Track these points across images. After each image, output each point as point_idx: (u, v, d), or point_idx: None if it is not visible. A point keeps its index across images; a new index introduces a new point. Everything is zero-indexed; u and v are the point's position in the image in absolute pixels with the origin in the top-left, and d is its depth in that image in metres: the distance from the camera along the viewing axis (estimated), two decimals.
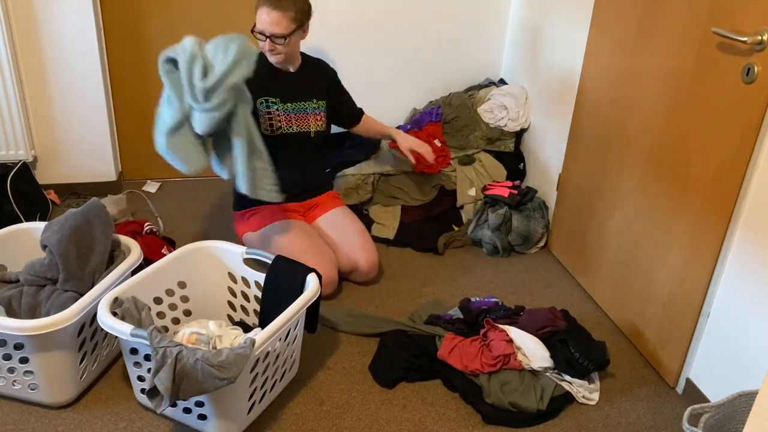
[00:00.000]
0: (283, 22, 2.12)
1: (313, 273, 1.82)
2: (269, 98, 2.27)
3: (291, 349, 1.80)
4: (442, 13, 3.03)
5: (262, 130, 2.27)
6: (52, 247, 1.78)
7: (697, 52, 1.79)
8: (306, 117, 2.35)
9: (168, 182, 3.22)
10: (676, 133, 1.90)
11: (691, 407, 1.46)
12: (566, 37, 2.59)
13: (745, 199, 1.65)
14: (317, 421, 1.77)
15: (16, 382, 1.73)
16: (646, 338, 2.08)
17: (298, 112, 2.33)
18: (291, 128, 2.33)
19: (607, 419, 1.83)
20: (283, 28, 2.13)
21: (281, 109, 2.29)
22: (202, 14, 2.95)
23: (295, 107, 2.32)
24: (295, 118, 2.32)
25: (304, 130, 2.36)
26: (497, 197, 2.70)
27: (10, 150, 2.76)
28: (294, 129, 2.33)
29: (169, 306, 1.91)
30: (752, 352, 1.66)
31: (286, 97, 2.30)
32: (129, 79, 3.00)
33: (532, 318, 1.98)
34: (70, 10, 2.66)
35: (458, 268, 2.59)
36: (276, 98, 2.28)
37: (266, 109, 2.27)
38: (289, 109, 2.31)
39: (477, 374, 1.87)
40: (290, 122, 2.32)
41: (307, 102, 2.35)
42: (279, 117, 2.28)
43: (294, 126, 2.33)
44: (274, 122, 2.29)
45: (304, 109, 2.34)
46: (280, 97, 2.29)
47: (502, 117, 2.91)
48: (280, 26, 2.12)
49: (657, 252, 2.00)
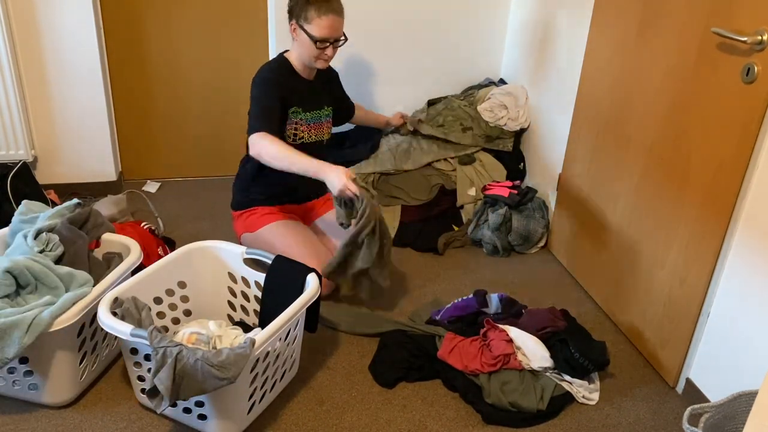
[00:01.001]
0: (342, 25, 2.20)
1: (313, 273, 1.82)
2: (296, 107, 2.26)
3: (291, 349, 1.80)
4: (442, 13, 3.03)
5: (285, 137, 2.26)
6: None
7: (697, 52, 1.79)
8: (321, 125, 2.36)
9: (168, 182, 3.22)
10: (676, 132, 1.90)
11: (691, 407, 1.46)
12: (566, 37, 2.59)
13: (745, 199, 1.65)
14: (317, 421, 1.77)
15: (16, 382, 1.73)
16: (646, 338, 2.08)
17: (315, 121, 2.33)
18: (310, 137, 2.33)
19: (607, 419, 1.83)
20: (341, 30, 2.21)
21: (303, 118, 2.28)
22: (202, 14, 2.95)
23: (313, 116, 2.32)
24: (314, 127, 2.33)
25: (319, 139, 2.36)
26: (497, 197, 2.69)
27: (10, 150, 2.76)
28: (313, 138, 2.33)
29: (169, 306, 1.91)
30: (752, 352, 1.66)
31: (307, 107, 2.29)
32: (129, 79, 3.00)
33: (532, 318, 1.98)
34: (70, 10, 2.66)
35: (458, 268, 2.59)
36: (299, 108, 2.27)
37: (294, 118, 2.26)
38: (309, 119, 2.30)
39: (477, 374, 1.87)
40: (310, 131, 2.32)
41: (321, 110, 2.35)
42: (302, 127, 2.28)
43: (313, 135, 2.33)
44: (297, 132, 2.28)
45: (319, 118, 2.34)
46: (302, 106, 2.28)
47: (502, 116, 2.91)
48: (340, 30, 2.20)
49: (657, 252, 2.00)
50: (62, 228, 1.85)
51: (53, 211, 1.92)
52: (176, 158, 3.22)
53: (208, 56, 3.04)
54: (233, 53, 3.07)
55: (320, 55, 2.20)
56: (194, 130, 3.18)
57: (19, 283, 1.72)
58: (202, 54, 3.03)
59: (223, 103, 3.15)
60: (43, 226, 1.83)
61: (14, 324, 1.56)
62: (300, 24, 2.15)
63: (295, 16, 2.16)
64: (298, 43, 2.20)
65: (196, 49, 3.01)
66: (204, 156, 3.24)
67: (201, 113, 3.15)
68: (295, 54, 2.26)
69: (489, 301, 2.10)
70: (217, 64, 3.07)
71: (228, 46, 3.04)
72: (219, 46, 3.03)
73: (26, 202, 1.99)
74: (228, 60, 3.07)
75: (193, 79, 3.07)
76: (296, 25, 2.17)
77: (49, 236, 1.82)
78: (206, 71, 3.08)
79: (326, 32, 2.14)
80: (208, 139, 3.20)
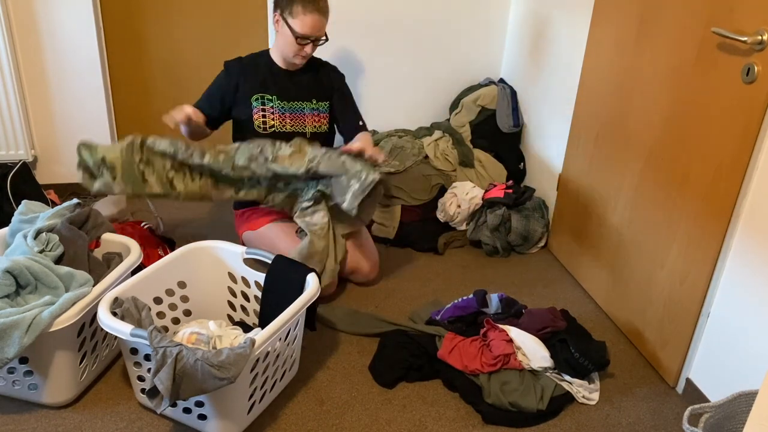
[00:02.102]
0: (325, 26, 2.23)
1: (313, 273, 1.82)
2: (265, 95, 2.30)
3: (291, 349, 1.80)
4: (442, 12, 3.03)
5: (254, 127, 2.31)
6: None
7: (697, 52, 1.79)
8: (303, 117, 2.36)
9: None
10: (676, 132, 1.90)
11: (691, 407, 1.46)
12: (566, 36, 2.59)
13: (745, 199, 1.65)
14: (317, 421, 1.77)
15: (16, 382, 1.73)
16: (646, 338, 2.08)
17: (294, 112, 2.34)
18: (284, 127, 2.34)
19: (607, 419, 1.83)
20: (323, 31, 2.23)
21: (276, 107, 2.31)
22: (202, 14, 2.95)
23: (292, 106, 2.33)
24: (290, 117, 2.34)
25: (298, 130, 2.36)
26: (493, 200, 2.70)
27: (10, 150, 2.77)
28: (287, 128, 2.34)
29: (169, 306, 1.91)
30: (752, 353, 1.66)
31: (283, 96, 2.32)
32: (129, 78, 3.00)
33: (532, 318, 1.98)
34: (70, 11, 2.66)
35: (458, 268, 2.59)
36: (273, 95, 2.30)
37: (260, 106, 2.29)
38: (285, 108, 2.33)
39: (477, 374, 1.87)
40: (284, 121, 2.33)
41: (304, 102, 2.35)
42: (273, 115, 2.30)
43: (287, 125, 2.34)
44: (266, 120, 2.31)
45: (300, 109, 2.35)
46: (277, 94, 2.31)
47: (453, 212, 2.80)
48: (323, 30, 2.23)
49: (657, 252, 2.00)
50: (62, 228, 1.86)
51: (53, 211, 1.92)
52: None
53: (208, 56, 3.04)
54: (233, 53, 3.05)
55: (299, 51, 2.23)
56: None
57: (19, 283, 1.72)
58: (202, 54, 3.03)
59: None
60: (43, 226, 1.83)
61: (14, 324, 1.56)
62: (284, 17, 2.19)
63: (280, 8, 2.20)
64: (279, 34, 2.25)
65: (195, 48, 3.02)
66: None
67: None
68: (275, 45, 2.32)
69: (489, 301, 2.10)
70: (217, 64, 3.05)
71: (228, 46, 3.04)
72: (219, 46, 3.03)
73: (26, 202, 2.00)
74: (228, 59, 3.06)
75: (193, 78, 3.07)
76: (280, 17, 2.21)
77: (49, 236, 1.82)
78: (206, 71, 3.07)
79: (308, 30, 2.18)
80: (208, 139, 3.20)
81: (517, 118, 2.98)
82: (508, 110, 2.98)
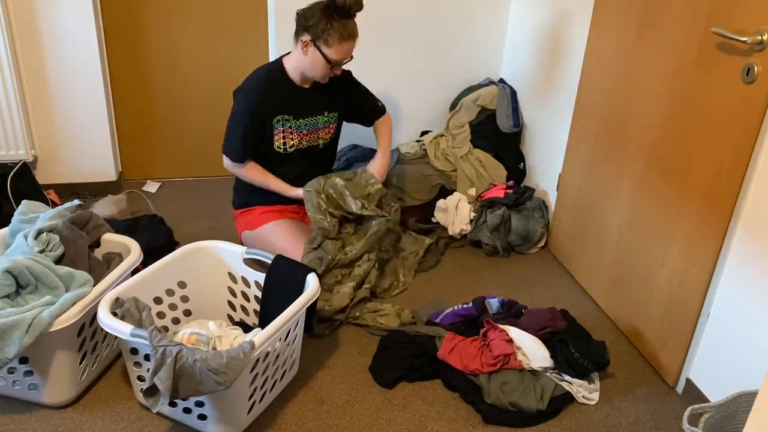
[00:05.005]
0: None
1: (313, 273, 1.82)
2: (284, 116, 2.25)
3: (291, 349, 1.80)
4: (443, 13, 3.03)
5: (275, 148, 2.27)
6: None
7: (697, 53, 1.79)
8: (316, 132, 2.34)
9: (168, 182, 3.22)
10: (676, 133, 1.90)
11: (691, 407, 1.46)
12: (566, 36, 2.59)
13: (745, 199, 1.65)
14: (317, 421, 1.77)
15: (16, 382, 1.73)
16: (646, 338, 2.08)
17: (309, 128, 2.32)
18: (302, 144, 2.32)
19: (607, 419, 1.83)
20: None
21: (294, 126, 2.27)
22: (203, 14, 2.95)
23: (307, 123, 2.31)
24: (306, 134, 2.32)
25: (312, 144, 2.36)
26: (494, 200, 2.70)
27: (10, 150, 2.77)
28: (304, 144, 2.33)
29: (169, 306, 1.91)
30: (752, 353, 1.66)
31: (299, 114, 2.28)
32: (129, 78, 3.00)
33: (532, 318, 1.98)
34: (70, 11, 2.66)
35: (458, 268, 2.59)
36: (289, 115, 2.26)
37: (281, 127, 2.25)
38: (301, 126, 2.29)
39: (477, 374, 1.87)
40: (301, 138, 2.31)
41: (318, 116, 2.33)
42: (292, 134, 2.28)
43: (304, 142, 2.33)
44: (287, 140, 2.28)
45: (315, 124, 2.33)
46: (293, 114, 2.26)
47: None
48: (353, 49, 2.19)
49: (657, 252, 2.00)
50: (63, 228, 1.86)
51: (54, 211, 1.92)
52: (176, 158, 3.22)
53: (208, 56, 3.04)
54: (233, 53, 3.07)
55: (330, 73, 2.20)
56: (194, 130, 3.18)
57: (19, 283, 1.72)
58: (202, 54, 3.03)
59: (223, 103, 3.14)
60: (44, 226, 1.83)
61: (14, 324, 1.56)
62: (317, 45, 2.10)
63: (312, 35, 2.09)
64: (308, 59, 2.15)
65: (196, 49, 3.02)
66: (204, 156, 3.24)
67: (201, 113, 3.15)
68: (296, 64, 2.21)
69: (489, 307, 2.10)
70: (217, 64, 3.07)
71: (228, 46, 3.04)
72: (219, 46, 3.03)
73: (26, 202, 2.00)
74: (228, 60, 3.07)
75: (194, 78, 3.07)
76: (311, 43, 2.11)
77: (49, 236, 1.82)
78: (206, 71, 3.08)
79: (344, 56, 2.15)
80: (208, 139, 3.20)
81: (517, 118, 2.98)
82: (508, 110, 2.98)
